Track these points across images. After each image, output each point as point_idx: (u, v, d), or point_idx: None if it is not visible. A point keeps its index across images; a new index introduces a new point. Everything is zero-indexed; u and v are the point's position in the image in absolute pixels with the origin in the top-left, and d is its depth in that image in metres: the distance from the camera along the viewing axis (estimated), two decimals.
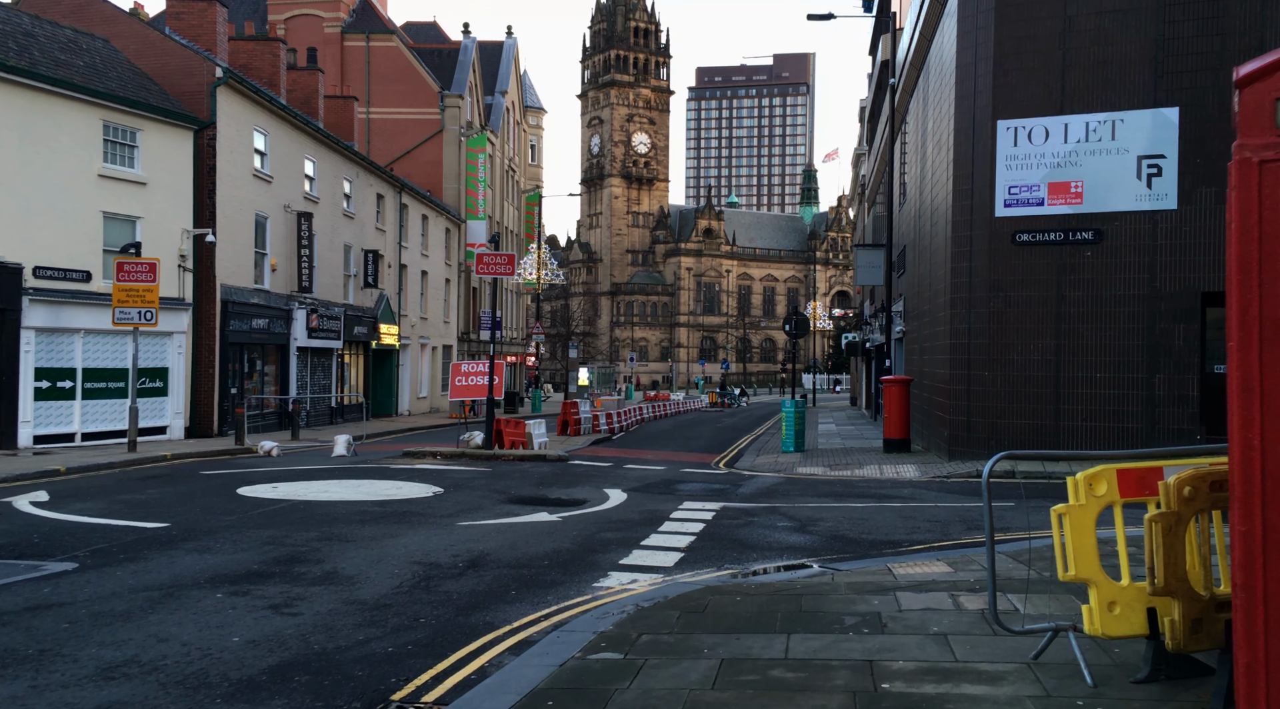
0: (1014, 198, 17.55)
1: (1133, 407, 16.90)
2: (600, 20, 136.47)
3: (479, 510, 12.40)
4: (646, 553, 9.80)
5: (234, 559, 9.05)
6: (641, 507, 13.15)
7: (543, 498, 13.88)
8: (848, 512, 12.79)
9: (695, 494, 14.70)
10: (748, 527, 11.54)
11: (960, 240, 18.20)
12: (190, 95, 24.81)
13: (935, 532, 11.18)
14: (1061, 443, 17.29)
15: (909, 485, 15.85)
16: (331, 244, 32.94)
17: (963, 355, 18.20)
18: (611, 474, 17.32)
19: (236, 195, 25.74)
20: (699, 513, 12.51)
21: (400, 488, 14.32)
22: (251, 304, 26.59)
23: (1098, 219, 17.08)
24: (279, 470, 16.85)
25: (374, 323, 36.56)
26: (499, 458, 19.04)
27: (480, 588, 8.11)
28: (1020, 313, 17.61)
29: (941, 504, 13.40)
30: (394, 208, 40.04)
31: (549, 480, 16.02)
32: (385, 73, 50.82)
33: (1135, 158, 16.84)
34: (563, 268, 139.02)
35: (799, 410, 22.75)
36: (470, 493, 14.10)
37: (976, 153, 17.89)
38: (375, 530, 10.74)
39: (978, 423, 18.00)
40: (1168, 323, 16.72)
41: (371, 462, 18.65)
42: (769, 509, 13.05)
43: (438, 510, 12.30)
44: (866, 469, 18.43)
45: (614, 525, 11.49)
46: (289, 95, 34.15)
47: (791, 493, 14.91)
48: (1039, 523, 11.59)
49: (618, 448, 24.60)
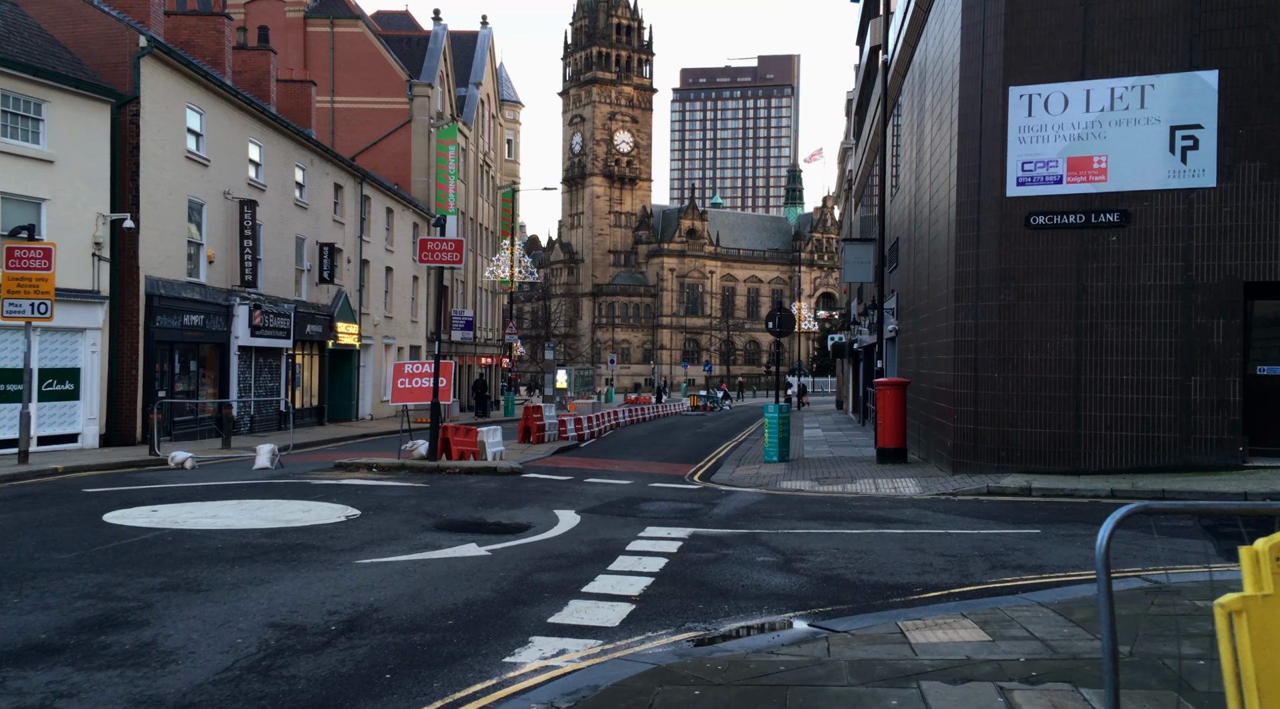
0: (1028, 175, 15.43)
1: (1164, 413, 14.79)
2: (582, 17, 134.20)
3: (393, 541, 10.14)
4: (587, 605, 7.57)
5: (23, 622, 6.76)
6: (594, 534, 10.93)
7: (478, 523, 11.63)
8: (841, 541, 10.60)
9: (661, 516, 12.49)
10: (720, 563, 9.33)
11: (965, 225, 16.06)
12: (113, 67, 22.42)
13: (952, 570, 9.00)
14: (1083, 456, 15.16)
15: (910, 504, 13.68)
16: (281, 235, 30.56)
17: (968, 355, 16.06)
18: (568, 490, 15.08)
19: (165, 178, 23.36)
20: (662, 543, 10.30)
21: (309, 511, 12.03)
22: (184, 299, 24.20)
23: (1124, 198, 14.97)
24: (176, 488, 14.52)
25: (330, 321, 34.17)
26: (443, 471, 16.77)
27: (344, 669, 5.87)
28: (1034, 306, 15.48)
29: (953, 531, 11.23)
30: (354, 199, 37.67)
31: (493, 499, 13.77)
32: (350, 60, 48.43)
33: (1167, 128, 14.74)
34: (544, 268, 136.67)
35: (783, 416, 20.57)
36: (391, 516, 11.83)
37: (985, 124, 15.76)
38: (245, 573, 8.47)
39: (985, 431, 15.86)
40: (1205, 317, 14.62)
41: (294, 475, 16.34)
42: (747, 537, 10.84)
43: (340, 542, 10.03)
44: (859, 484, 16.25)
45: (555, 562, 9.26)
46: (238, 77, 31.77)
47: (774, 514, 12.71)
48: (1079, 560, 9.41)
49: (584, 457, 22.34)
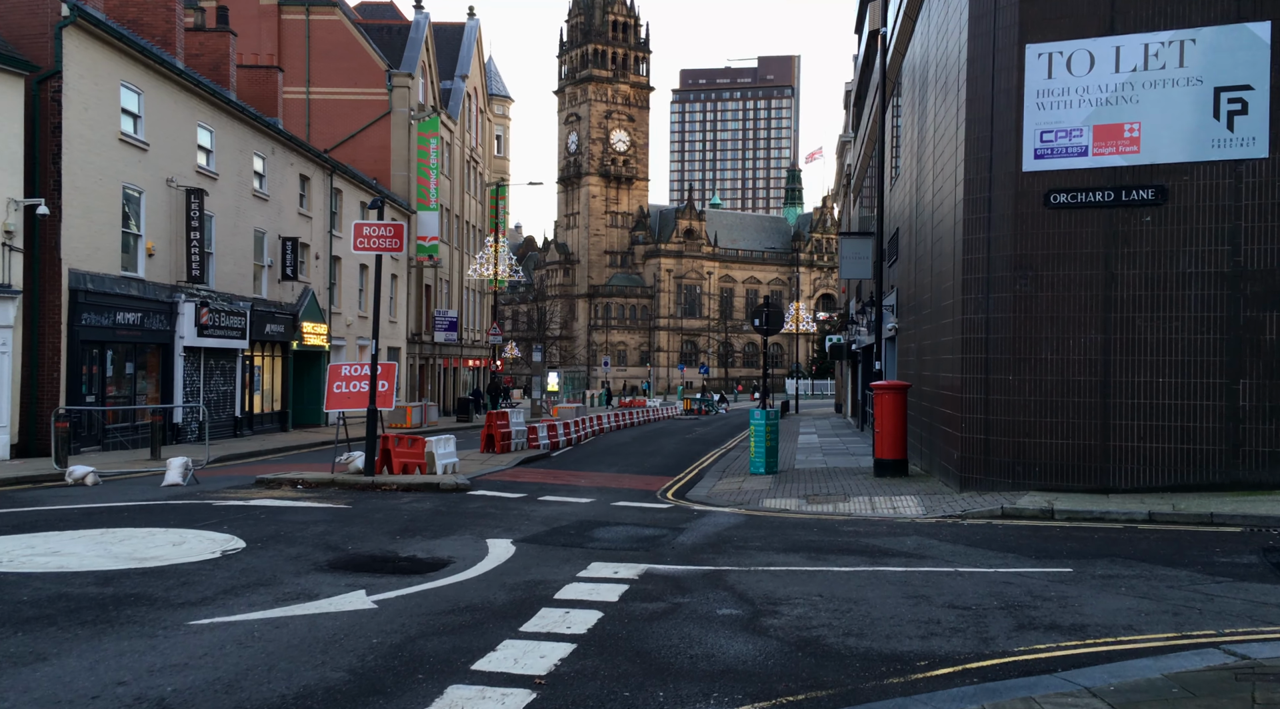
0: (1047, 147, 13.35)
1: (1207, 421, 12.70)
2: (578, 14, 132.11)
3: (260, 589, 8.06)
4: (470, 695, 5.50)
5: None
6: (523, 573, 8.85)
7: (385, 558, 9.55)
8: (827, 583, 8.52)
9: (614, 547, 10.41)
10: (669, 619, 7.25)
11: (975, 204, 13.98)
12: (33, 39, 20.36)
13: (966, 631, 6.91)
14: (1111, 471, 13.07)
15: (912, 529, 11.60)
16: (237, 228, 28.49)
17: (978, 354, 13.98)
18: (514, 512, 13.00)
19: (94, 162, 21.29)
20: (603, 588, 8.23)
21: (181, 543, 9.94)
22: (116, 294, 22.12)
23: (1160, 172, 12.89)
24: (45, 512, 12.40)
25: (294, 320, 32.07)
26: (377, 487, 14.68)
27: None
28: (1056, 298, 13.40)
29: (964, 568, 9.15)
30: (323, 192, 35.60)
31: (419, 523, 11.68)
32: (327, 49, 46.37)
33: (1211, 90, 12.66)
34: (539, 270, 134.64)
35: (770, 423, 18.49)
36: (280, 551, 9.74)
37: (997, 89, 13.68)
38: (24, 644, 6.38)
39: (999, 442, 13.77)
40: (1256, 310, 12.53)
41: (202, 494, 14.24)
42: (711, 578, 8.76)
43: (191, 591, 7.94)
44: (854, 502, 14.16)
45: (456, 619, 7.19)
46: (194, 60, 29.70)
47: (750, 544, 10.63)
48: (1130, 616, 7.31)
49: (551, 468, 20.25)
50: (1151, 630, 6.89)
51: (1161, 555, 9.66)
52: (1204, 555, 9.67)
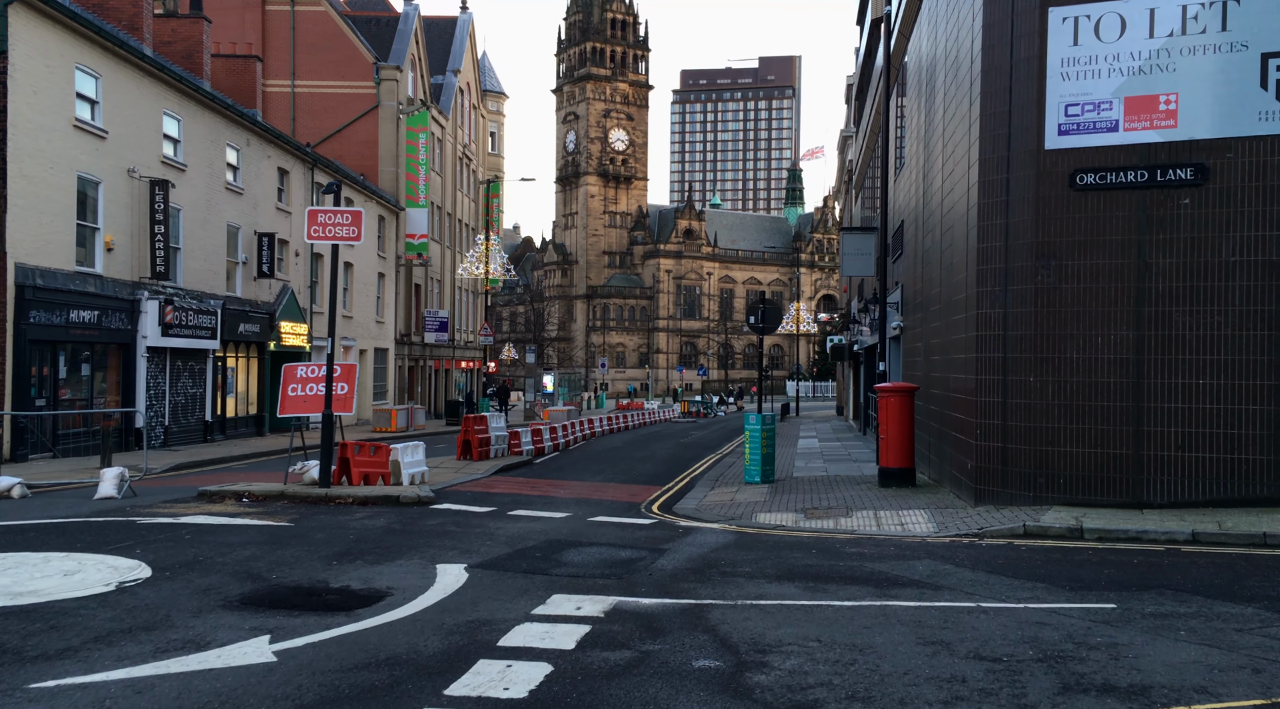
0: (1073, 122, 11.97)
1: (1254, 428, 11.32)
2: (576, 11, 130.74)
3: (143, 634, 6.69)
4: None
5: None
6: (468, 610, 7.49)
7: (314, 589, 8.19)
8: (826, 624, 7.15)
9: (583, 573, 9.05)
10: (632, 677, 5.88)
11: (991, 187, 12.61)
12: None
13: (999, 693, 5.53)
14: (1146, 484, 11.69)
15: (923, 551, 10.22)
16: (208, 223, 27.12)
17: (995, 353, 12.60)
18: (477, 530, 11.62)
19: (44, 149, 19.93)
20: (559, 630, 6.86)
21: (77, 571, 8.57)
22: (71, 291, 20.76)
23: (1200, 149, 11.52)
24: None
25: (270, 320, 30.70)
26: (331, 500, 13.31)
27: None
28: (1082, 290, 12.02)
29: (988, 604, 7.77)
30: (304, 186, 34.24)
31: (365, 545, 10.31)
32: (313, 41, 45.03)
33: (1258, 56, 11.29)
34: (537, 270, 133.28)
35: (766, 429, 17.13)
36: (190, 581, 8.36)
37: (1016, 58, 12.31)
38: None
39: (1018, 451, 12.39)
40: None
41: (132, 509, 12.84)
42: (690, 616, 7.39)
43: (55, 638, 6.56)
44: (856, 517, 12.79)
45: (369, 676, 5.81)
46: (165, 47, 28.37)
47: (739, 569, 9.25)
48: (1199, 671, 5.92)
49: (530, 477, 18.88)
50: (1231, 695, 5.51)
51: (1218, 587, 8.29)
52: (1268, 586, 8.30)
